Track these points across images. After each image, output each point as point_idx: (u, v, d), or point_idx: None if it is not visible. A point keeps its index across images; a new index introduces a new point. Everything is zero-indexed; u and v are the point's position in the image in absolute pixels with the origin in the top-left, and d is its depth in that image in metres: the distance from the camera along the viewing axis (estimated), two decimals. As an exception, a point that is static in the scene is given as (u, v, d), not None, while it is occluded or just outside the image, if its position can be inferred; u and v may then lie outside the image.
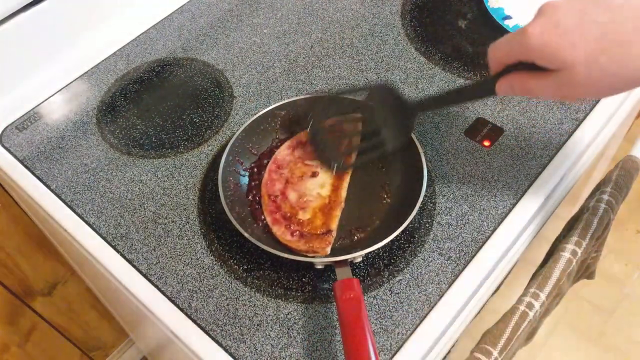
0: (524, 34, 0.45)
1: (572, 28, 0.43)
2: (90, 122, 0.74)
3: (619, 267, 1.55)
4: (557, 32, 0.43)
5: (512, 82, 0.49)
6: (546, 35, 0.43)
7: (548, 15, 0.44)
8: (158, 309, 0.58)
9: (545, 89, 0.47)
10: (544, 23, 0.44)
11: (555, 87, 0.46)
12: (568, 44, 0.43)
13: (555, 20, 0.43)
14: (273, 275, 0.59)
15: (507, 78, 0.49)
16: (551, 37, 0.43)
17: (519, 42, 0.45)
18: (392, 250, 0.60)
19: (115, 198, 0.66)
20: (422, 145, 0.62)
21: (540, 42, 0.44)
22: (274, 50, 0.80)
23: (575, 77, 0.44)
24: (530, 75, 0.47)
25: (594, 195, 0.68)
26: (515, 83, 0.49)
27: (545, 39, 0.43)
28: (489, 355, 0.54)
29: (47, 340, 1.10)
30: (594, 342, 1.42)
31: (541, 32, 0.44)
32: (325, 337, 0.55)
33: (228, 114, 0.73)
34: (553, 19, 0.44)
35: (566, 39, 0.43)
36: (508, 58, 0.48)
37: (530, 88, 0.48)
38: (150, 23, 0.86)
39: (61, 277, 1.04)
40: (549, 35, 0.43)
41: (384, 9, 0.85)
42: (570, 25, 0.43)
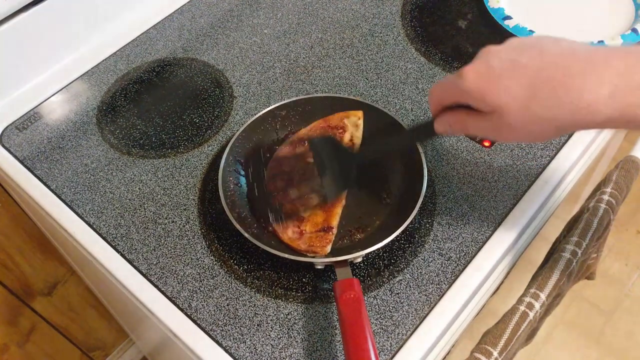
0: (459, 76, 0.45)
1: (504, 73, 0.43)
2: (90, 122, 0.74)
3: (619, 267, 1.55)
4: (490, 76, 0.44)
5: (449, 121, 0.50)
6: (479, 79, 0.44)
7: (484, 59, 0.45)
8: (158, 309, 0.58)
9: (481, 129, 0.47)
10: (479, 67, 0.45)
11: (490, 129, 0.47)
12: (500, 88, 0.44)
13: (489, 64, 0.44)
14: (273, 275, 0.59)
15: (445, 116, 0.50)
16: (483, 82, 0.44)
17: (454, 84, 0.46)
18: (393, 250, 0.60)
19: (115, 198, 0.66)
20: (422, 146, 0.62)
21: (473, 85, 0.45)
22: (274, 50, 0.80)
23: (508, 120, 0.45)
24: (467, 115, 0.48)
25: (594, 195, 0.68)
26: (452, 121, 0.49)
27: (478, 83, 0.44)
28: (489, 355, 0.54)
29: (47, 340, 1.10)
30: (594, 342, 1.42)
31: (475, 76, 0.44)
32: (325, 337, 0.55)
33: (228, 114, 0.73)
34: (488, 63, 0.44)
35: (498, 84, 0.44)
36: (446, 99, 0.49)
37: (467, 126, 0.48)
38: (150, 23, 0.86)
39: (61, 277, 1.04)
40: (481, 80, 0.44)
41: (384, 9, 0.85)
42: (503, 70, 0.44)
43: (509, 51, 0.45)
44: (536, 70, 0.43)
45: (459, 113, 0.48)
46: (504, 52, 0.45)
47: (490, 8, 0.81)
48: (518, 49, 0.45)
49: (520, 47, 0.45)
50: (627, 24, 0.77)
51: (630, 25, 0.77)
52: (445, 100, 0.49)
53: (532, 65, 0.43)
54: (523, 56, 0.44)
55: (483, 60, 0.45)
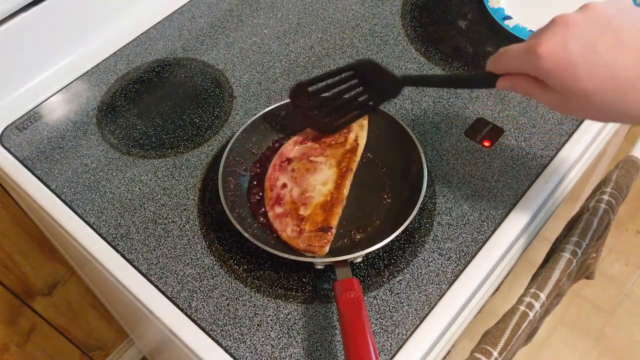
0: (533, 54, 0.44)
1: (581, 60, 0.43)
2: (90, 122, 0.74)
3: (619, 267, 1.55)
4: (567, 61, 0.43)
5: (515, 83, 0.49)
6: (555, 62, 0.44)
7: (560, 37, 0.44)
8: (158, 309, 0.58)
9: (546, 100, 0.48)
10: (555, 47, 0.44)
11: (557, 103, 0.47)
12: (572, 76, 0.43)
13: (567, 47, 0.43)
14: (273, 275, 0.59)
15: (512, 78, 0.50)
16: (560, 65, 0.44)
17: (528, 60, 0.46)
18: (393, 250, 0.60)
19: (115, 198, 0.66)
20: (422, 145, 0.62)
21: (549, 67, 0.44)
22: (274, 50, 0.80)
23: (577, 104, 0.45)
24: (534, 83, 0.47)
25: (594, 195, 0.68)
26: (518, 85, 0.49)
27: (555, 65, 0.44)
28: (489, 355, 0.54)
29: (47, 340, 1.10)
30: (594, 342, 1.42)
31: (551, 57, 0.44)
32: (325, 337, 0.55)
33: (228, 114, 0.73)
34: (565, 45, 0.43)
35: (573, 71, 0.43)
36: (516, 70, 0.49)
37: (532, 93, 0.48)
38: (150, 23, 0.86)
39: (61, 277, 1.04)
40: (558, 63, 0.44)
41: (384, 9, 0.85)
42: (580, 57, 0.43)
43: (588, 32, 0.43)
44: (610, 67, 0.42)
45: (527, 80, 0.48)
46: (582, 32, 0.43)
47: (490, 8, 0.81)
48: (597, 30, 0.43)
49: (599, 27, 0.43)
50: None
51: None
52: (515, 69, 0.49)
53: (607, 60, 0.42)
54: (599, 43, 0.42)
55: (559, 38, 0.44)
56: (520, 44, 0.47)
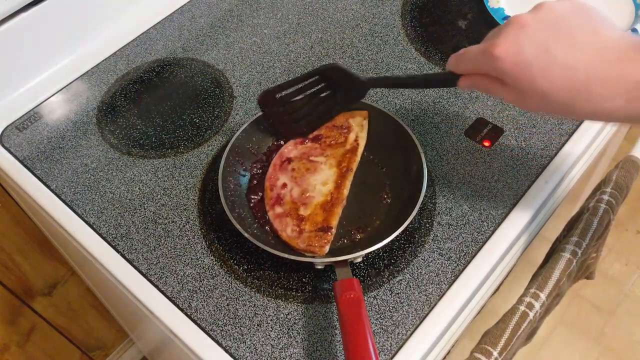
0: (490, 55, 0.46)
1: (534, 61, 0.44)
2: (90, 122, 0.74)
3: (619, 267, 1.55)
4: (521, 61, 0.45)
5: (475, 82, 0.51)
6: (513, 63, 0.45)
7: (513, 37, 0.45)
8: (158, 309, 0.58)
9: (506, 97, 0.49)
10: (511, 48, 0.45)
11: (516, 100, 0.48)
12: (530, 76, 0.45)
13: (520, 46, 0.44)
14: (273, 275, 0.59)
15: (472, 78, 0.51)
16: (515, 66, 0.45)
17: (486, 61, 0.47)
18: (393, 250, 0.60)
19: (115, 198, 0.66)
20: (422, 146, 0.62)
21: (507, 68, 0.45)
22: (274, 50, 0.80)
23: (534, 102, 0.47)
24: (494, 82, 0.49)
25: (594, 195, 0.68)
26: (479, 83, 0.51)
27: (510, 66, 0.45)
28: (489, 355, 0.54)
29: (47, 340, 1.10)
30: (594, 342, 1.42)
31: (509, 59, 0.45)
32: (325, 337, 0.55)
33: (228, 114, 0.73)
34: (517, 44, 0.45)
35: (529, 72, 0.45)
36: (475, 70, 0.50)
37: (492, 91, 0.50)
38: (150, 23, 0.86)
39: (61, 277, 1.04)
40: (513, 63, 0.45)
41: (384, 9, 0.85)
42: (532, 57, 0.44)
43: (541, 32, 0.44)
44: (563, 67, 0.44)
45: (486, 79, 0.49)
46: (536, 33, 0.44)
47: (490, 8, 0.81)
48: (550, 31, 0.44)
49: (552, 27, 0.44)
50: (627, 24, 0.77)
51: (630, 25, 0.77)
52: (474, 70, 0.50)
53: (560, 60, 0.44)
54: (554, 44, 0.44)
55: (514, 39, 0.45)
56: (478, 45, 0.49)
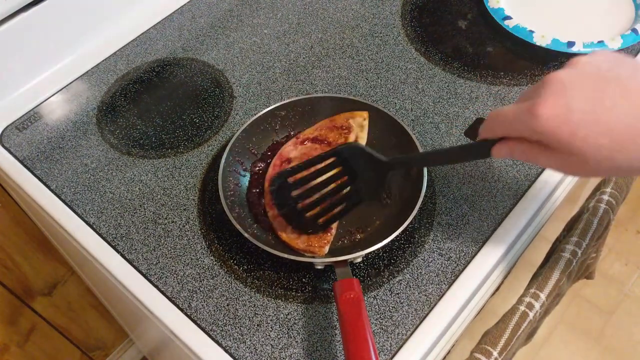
0: (533, 115, 0.41)
1: (586, 118, 0.40)
2: (90, 122, 0.74)
3: (619, 267, 1.55)
4: (570, 120, 0.40)
5: (513, 149, 0.46)
6: (557, 123, 0.40)
7: (558, 95, 0.40)
8: (158, 309, 0.58)
9: (550, 163, 0.44)
10: (554, 106, 0.40)
11: (561, 165, 0.43)
12: (580, 136, 0.40)
13: (569, 106, 0.40)
14: (273, 275, 0.59)
15: (508, 144, 0.46)
16: (562, 126, 0.40)
17: (526, 123, 0.42)
18: (392, 250, 0.60)
19: (115, 198, 0.66)
20: (422, 146, 0.62)
21: (550, 128, 0.41)
22: (274, 50, 0.80)
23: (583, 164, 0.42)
24: (535, 148, 0.44)
25: (594, 195, 0.68)
26: (516, 150, 0.45)
27: (556, 126, 0.40)
28: (489, 355, 0.54)
29: (47, 340, 1.10)
30: (594, 342, 1.42)
31: (552, 118, 0.40)
32: (325, 337, 0.55)
33: (228, 114, 0.73)
34: (566, 104, 0.40)
35: (578, 131, 0.40)
36: (511, 133, 0.45)
37: (533, 158, 0.45)
38: (150, 23, 0.86)
39: (61, 277, 1.04)
40: (559, 123, 0.40)
41: (384, 9, 0.85)
42: (585, 115, 0.40)
43: (589, 88, 0.40)
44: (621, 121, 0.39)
45: (524, 144, 0.44)
46: (583, 89, 0.40)
47: (490, 8, 0.81)
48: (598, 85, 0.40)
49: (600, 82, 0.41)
50: (627, 24, 0.77)
51: (630, 25, 0.77)
52: (510, 134, 0.45)
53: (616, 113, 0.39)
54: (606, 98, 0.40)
55: (559, 97, 0.40)
56: (513, 105, 0.44)
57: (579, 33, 0.76)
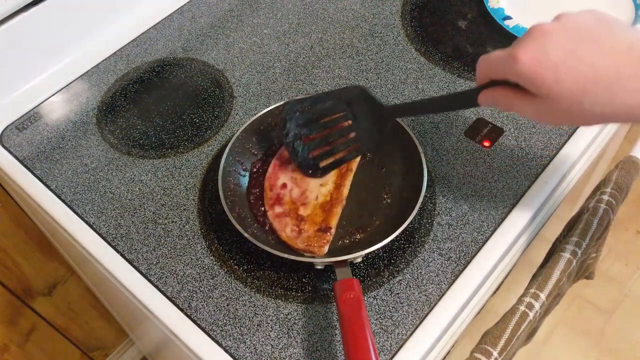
0: (513, 58, 0.45)
1: (559, 63, 0.44)
2: (90, 122, 0.74)
3: (619, 267, 1.55)
4: (546, 64, 0.44)
5: (495, 96, 0.50)
6: (534, 65, 0.44)
7: (538, 43, 0.44)
8: (158, 309, 0.58)
9: (527, 111, 0.48)
10: (534, 51, 0.44)
11: (538, 112, 0.47)
12: (554, 78, 0.44)
13: (544, 50, 0.44)
14: (273, 275, 0.59)
15: (492, 91, 0.50)
16: (538, 68, 0.44)
17: (508, 64, 0.46)
18: (392, 250, 0.60)
19: (115, 198, 0.66)
20: (422, 146, 0.62)
21: (527, 70, 0.44)
22: (274, 50, 0.80)
23: (557, 108, 0.45)
24: (515, 94, 0.48)
25: (594, 195, 0.68)
26: (499, 97, 0.49)
27: (533, 68, 0.44)
28: (489, 355, 0.54)
29: (47, 340, 1.10)
30: (594, 343, 1.42)
31: (530, 61, 0.44)
32: (325, 337, 0.55)
33: (228, 114, 0.73)
34: (542, 49, 0.44)
35: (553, 73, 0.44)
36: (496, 74, 0.49)
37: (513, 105, 0.49)
38: (150, 23, 0.86)
39: (61, 277, 1.04)
40: (536, 66, 0.44)
41: (384, 9, 0.85)
42: (558, 60, 0.44)
43: (565, 38, 0.44)
44: (591, 67, 0.43)
45: (506, 91, 0.48)
46: (560, 39, 0.44)
47: (490, 8, 0.81)
48: (574, 36, 0.44)
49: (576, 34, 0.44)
50: (627, 24, 0.77)
51: (630, 25, 0.77)
52: (495, 75, 0.49)
53: (587, 61, 0.43)
54: (580, 48, 0.43)
55: (538, 43, 0.44)
56: (500, 50, 0.48)
57: (579, 33, 0.76)
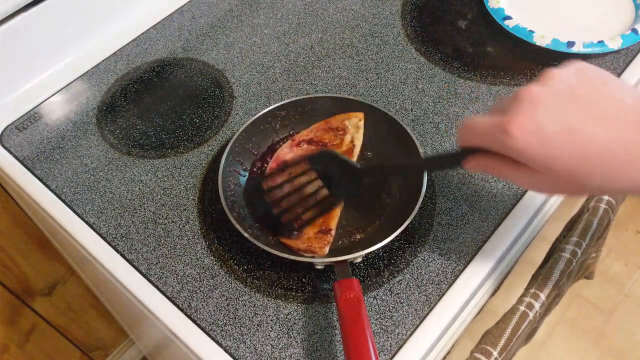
0: (503, 131, 0.41)
1: (554, 138, 0.40)
2: (90, 122, 0.74)
3: (619, 267, 1.55)
4: (538, 138, 0.40)
5: (484, 164, 0.46)
6: (527, 142, 0.40)
7: (528, 113, 0.40)
8: (158, 309, 0.58)
9: (522, 182, 0.45)
10: (527, 125, 0.40)
11: (531, 182, 0.44)
12: (550, 154, 0.40)
13: (540, 125, 0.40)
14: (273, 275, 0.59)
15: (478, 159, 0.46)
16: (532, 146, 0.40)
17: (498, 137, 0.42)
18: (392, 250, 0.60)
19: (115, 198, 0.66)
20: (422, 146, 0.62)
21: (520, 146, 0.41)
22: (274, 50, 0.80)
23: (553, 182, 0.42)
24: (506, 164, 0.44)
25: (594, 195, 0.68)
26: (488, 166, 0.46)
27: (526, 145, 0.40)
28: (489, 355, 0.54)
29: (47, 340, 1.10)
30: (594, 342, 1.42)
31: (522, 136, 0.40)
32: (325, 337, 0.55)
33: (228, 114, 0.73)
34: (534, 121, 0.40)
35: (548, 150, 0.40)
36: (483, 144, 0.45)
37: (505, 175, 0.45)
38: (150, 23, 0.86)
39: (61, 277, 1.04)
40: (529, 142, 0.40)
41: (384, 9, 0.85)
42: (553, 136, 0.40)
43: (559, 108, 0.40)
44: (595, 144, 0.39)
45: (496, 160, 0.44)
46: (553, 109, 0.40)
47: (490, 8, 0.81)
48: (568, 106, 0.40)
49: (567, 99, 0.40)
50: (627, 24, 0.77)
51: (631, 25, 0.77)
52: (483, 145, 0.44)
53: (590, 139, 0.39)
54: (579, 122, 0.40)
55: (528, 114, 0.40)
56: (486, 117, 0.44)
57: (579, 33, 0.76)
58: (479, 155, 0.46)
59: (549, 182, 0.43)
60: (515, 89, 0.72)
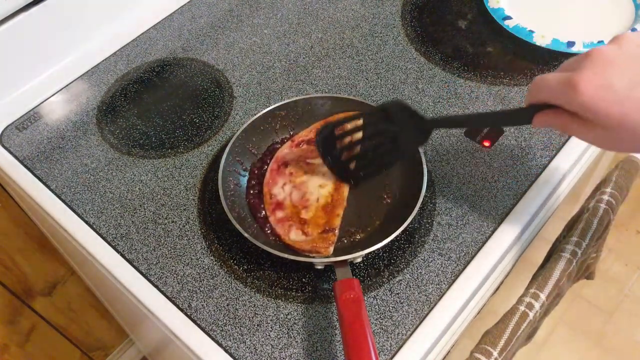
0: (574, 87, 0.42)
1: (624, 94, 0.41)
2: (90, 122, 0.74)
3: (619, 267, 1.55)
4: (610, 96, 0.41)
5: (551, 120, 0.47)
6: (597, 98, 0.41)
7: (600, 71, 0.42)
8: (158, 309, 0.58)
9: (587, 137, 0.45)
10: (596, 81, 0.41)
11: (597, 138, 0.45)
12: (619, 111, 0.41)
13: (607, 80, 0.41)
14: (273, 275, 0.59)
15: (548, 114, 0.47)
16: (602, 102, 0.41)
17: (568, 93, 0.43)
18: (392, 250, 0.60)
19: (115, 198, 0.66)
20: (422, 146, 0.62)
21: (590, 102, 0.42)
22: (274, 50, 0.80)
23: (619, 138, 0.43)
24: (573, 120, 0.45)
25: (594, 195, 0.68)
26: (555, 122, 0.47)
27: (596, 101, 0.41)
28: (489, 355, 0.54)
29: (47, 340, 1.10)
30: (594, 342, 1.42)
31: (593, 92, 0.41)
32: (325, 337, 0.55)
33: (228, 114, 0.73)
34: (605, 78, 0.41)
35: (618, 107, 0.41)
36: (552, 100, 0.46)
37: (570, 130, 0.46)
38: (150, 23, 0.86)
39: (61, 277, 1.04)
40: (600, 99, 0.41)
41: (384, 9, 0.85)
42: (623, 91, 0.41)
43: (629, 67, 0.41)
44: None
45: (563, 115, 0.45)
46: (624, 67, 0.41)
47: (490, 8, 0.81)
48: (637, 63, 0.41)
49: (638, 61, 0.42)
50: (627, 24, 0.77)
51: (631, 25, 0.77)
52: (551, 101, 0.46)
53: None
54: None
55: (600, 72, 0.42)
56: (557, 74, 0.45)
57: (579, 33, 0.76)
58: (547, 111, 0.47)
59: (614, 139, 0.44)
60: (515, 89, 0.72)
